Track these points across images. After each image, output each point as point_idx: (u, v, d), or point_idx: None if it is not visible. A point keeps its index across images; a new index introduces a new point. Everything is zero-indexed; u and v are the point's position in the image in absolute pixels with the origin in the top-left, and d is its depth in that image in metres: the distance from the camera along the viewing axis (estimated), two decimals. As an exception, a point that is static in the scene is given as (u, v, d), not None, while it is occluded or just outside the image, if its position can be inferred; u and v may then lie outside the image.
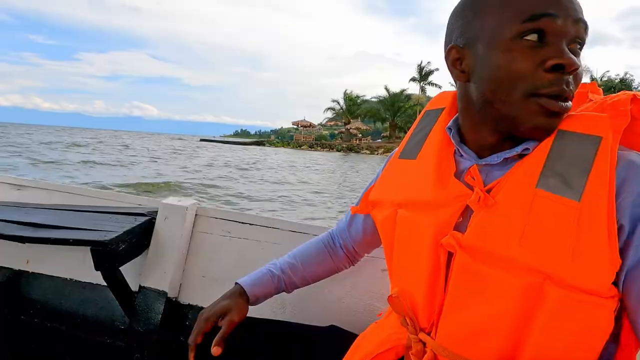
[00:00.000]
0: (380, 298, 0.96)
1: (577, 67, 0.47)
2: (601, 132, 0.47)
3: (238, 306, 0.73)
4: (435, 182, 0.56)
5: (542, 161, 0.48)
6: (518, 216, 0.47)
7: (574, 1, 0.47)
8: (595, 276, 0.42)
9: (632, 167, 0.45)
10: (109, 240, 0.96)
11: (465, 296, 0.50)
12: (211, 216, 1.13)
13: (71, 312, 1.18)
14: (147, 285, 1.10)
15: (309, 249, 0.84)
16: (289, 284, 0.80)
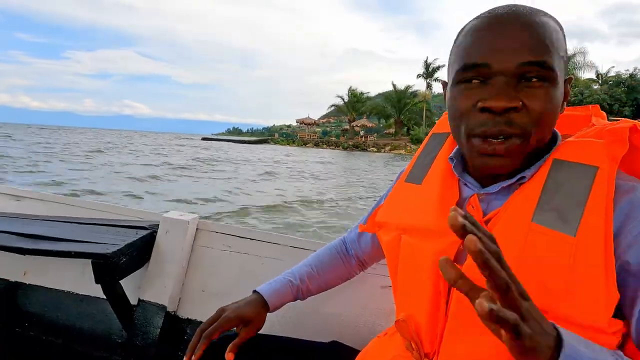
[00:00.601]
0: (379, 314, 0.97)
1: (505, 106, 0.46)
2: (597, 162, 0.46)
3: (259, 317, 0.76)
4: (437, 211, 0.57)
5: (538, 192, 0.48)
6: (513, 249, 0.46)
7: (510, 45, 0.46)
8: (591, 312, 0.42)
9: (634, 204, 0.44)
10: (110, 253, 0.96)
11: (464, 326, 0.50)
12: (212, 230, 1.14)
13: (68, 325, 1.17)
14: (147, 299, 1.10)
15: (323, 257, 0.85)
16: (305, 292, 0.82)
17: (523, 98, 0.46)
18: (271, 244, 1.08)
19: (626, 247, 0.43)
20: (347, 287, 0.91)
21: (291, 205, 7.44)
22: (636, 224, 0.43)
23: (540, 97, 0.46)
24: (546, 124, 0.48)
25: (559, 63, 0.48)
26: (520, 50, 0.46)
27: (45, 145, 20.83)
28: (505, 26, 0.47)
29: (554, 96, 0.47)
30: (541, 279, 0.44)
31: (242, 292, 1.07)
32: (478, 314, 0.32)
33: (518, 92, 0.46)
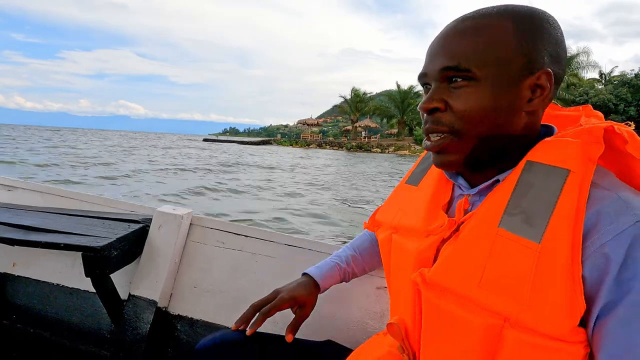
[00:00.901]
0: (373, 316, 0.96)
1: (427, 108, 0.51)
2: (570, 164, 0.45)
3: (312, 299, 0.79)
4: (426, 212, 0.58)
5: (508, 196, 0.47)
6: (479, 255, 0.46)
7: (435, 53, 0.51)
8: (554, 320, 0.41)
9: (603, 215, 0.43)
10: (101, 246, 0.94)
11: (434, 332, 0.51)
12: (206, 226, 1.12)
13: (56, 318, 1.15)
14: (137, 293, 1.08)
15: (364, 242, 0.87)
16: (350, 274, 0.85)
17: (447, 99, 0.50)
18: (265, 242, 1.06)
19: (585, 259, 0.42)
20: (343, 288, 0.90)
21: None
22: (597, 237, 0.42)
23: (461, 96, 0.49)
24: (473, 121, 0.49)
25: (491, 63, 0.48)
26: (441, 57, 0.50)
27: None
28: (439, 37, 0.52)
29: (479, 95, 0.48)
30: (506, 286, 0.44)
31: (235, 289, 1.06)
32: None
33: (445, 94, 0.50)
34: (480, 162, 0.52)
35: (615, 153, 0.49)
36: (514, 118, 0.49)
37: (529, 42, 0.48)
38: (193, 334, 1.07)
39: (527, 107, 0.50)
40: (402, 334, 0.57)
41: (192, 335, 1.07)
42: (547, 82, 0.49)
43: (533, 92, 0.49)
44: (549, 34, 0.49)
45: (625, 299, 0.39)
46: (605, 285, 0.41)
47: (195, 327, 1.08)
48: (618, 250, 0.41)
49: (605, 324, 0.40)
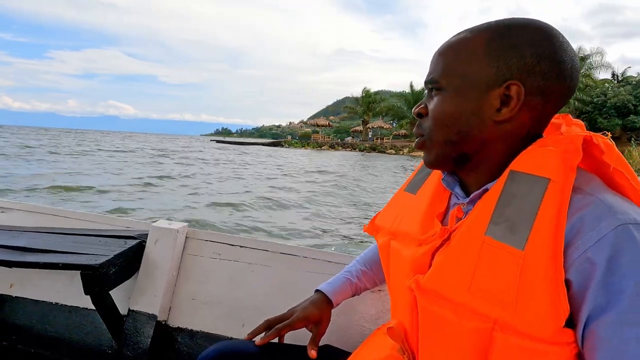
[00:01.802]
0: (369, 318, 0.99)
1: (414, 112, 0.58)
2: (550, 173, 0.47)
3: (326, 315, 0.82)
4: (421, 219, 0.61)
5: (493, 205, 0.49)
6: (468, 263, 0.48)
7: (431, 65, 0.57)
8: (538, 323, 0.43)
9: (585, 221, 0.44)
10: (99, 264, 0.95)
11: (430, 335, 0.53)
12: (201, 239, 1.14)
13: (56, 337, 1.16)
14: (137, 308, 1.10)
15: (374, 256, 0.89)
16: (362, 289, 0.88)
17: (428, 105, 0.57)
18: (261, 251, 1.09)
19: (569, 265, 0.43)
20: None
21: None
22: (581, 244, 0.43)
23: (433, 103, 0.56)
24: (438, 125, 0.55)
25: (456, 74, 0.53)
26: (428, 71, 0.58)
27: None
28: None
29: (444, 102, 0.54)
30: (493, 291, 0.46)
31: (233, 300, 1.09)
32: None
33: (428, 102, 0.57)
34: (460, 164, 0.56)
35: (596, 162, 0.51)
36: (482, 126, 0.52)
37: (498, 54, 0.50)
38: (194, 345, 1.09)
39: (495, 117, 0.51)
40: (401, 337, 0.59)
41: (192, 346, 1.09)
42: (516, 94, 0.50)
43: (503, 103, 0.51)
44: (529, 47, 0.50)
45: (615, 305, 0.40)
46: (591, 289, 0.42)
47: (196, 339, 1.10)
48: (601, 255, 0.42)
49: (597, 329, 0.41)
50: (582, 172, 0.50)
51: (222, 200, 7.23)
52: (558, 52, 0.50)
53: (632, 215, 0.43)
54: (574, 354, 0.43)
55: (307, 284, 0.91)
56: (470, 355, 0.47)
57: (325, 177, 12.73)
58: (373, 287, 0.89)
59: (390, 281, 0.66)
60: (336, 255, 1.05)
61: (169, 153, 22.00)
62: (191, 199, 7.41)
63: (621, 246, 0.42)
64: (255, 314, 1.05)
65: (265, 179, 11.60)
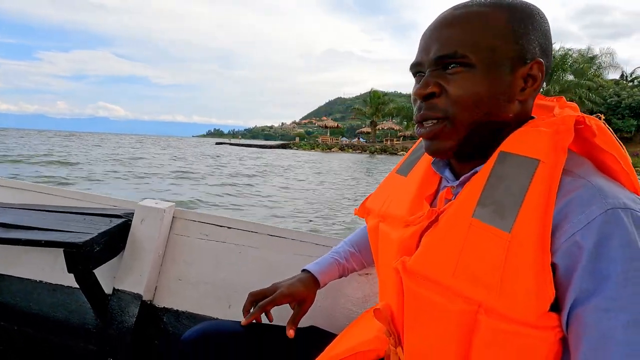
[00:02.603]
0: (355, 301, 0.99)
1: (423, 93, 0.51)
2: (540, 154, 0.46)
3: (311, 295, 0.81)
4: (410, 202, 0.60)
5: (481, 187, 0.48)
6: (454, 245, 0.48)
7: (430, 42, 0.52)
8: (523, 307, 0.42)
9: (574, 204, 0.43)
10: (83, 242, 0.94)
11: (415, 317, 0.52)
12: (189, 219, 1.13)
13: (41, 315, 1.15)
14: (122, 288, 1.09)
15: (362, 238, 0.88)
16: (349, 270, 0.88)
17: (444, 84, 0.51)
18: (249, 233, 1.08)
19: (557, 249, 0.43)
20: None
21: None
22: (569, 227, 0.42)
23: (456, 82, 0.50)
24: (467, 106, 0.50)
25: (486, 50, 0.49)
26: (436, 45, 0.51)
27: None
28: (432, 26, 0.53)
29: (474, 80, 0.49)
30: (478, 274, 0.45)
31: (219, 280, 1.08)
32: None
33: (441, 79, 0.51)
34: (471, 150, 0.53)
35: (588, 145, 0.50)
36: (507, 106, 0.50)
37: (522, 32, 0.50)
38: (179, 325, 1.08)
39: (519, 96, 0.51)
40: (388, 318, 0.59)
41: (177, 327, 1.08)
42: (538, 72, 0.50)
43: (525, 82, 0.51)
44: (540, 26, 0.51)
45: (601, 290, 0.40)
46: (578, 273, 0.41)
47: (181, 319, 1.09)
48: (589, 240, 0.41)
49: (583, 314, 0.41)
50: (574, 155, 0.49)
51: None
52: (550, 32, 0.53)
53: (622, 200, 0.42)
54: (558, 338, 0.43)
55: (295, 266, 0.90)
56: (455, 337, 0.47)
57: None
58: (361, 269, 0.89)
59: (378, 263, 0.66)
60: (324, 238, 1.05)
61: (212, 159, 20.49)
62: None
63: (610, 230, 0.41)
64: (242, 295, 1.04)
65: (335, 188, 10.39)
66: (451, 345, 0.48)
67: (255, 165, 17.12)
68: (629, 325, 0.38)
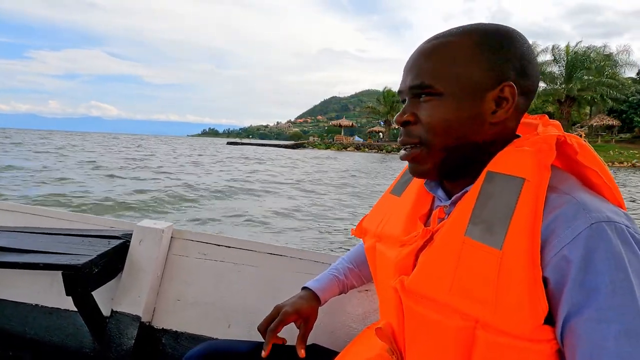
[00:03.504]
0: (355, 318, 0.99)
1: (400, 121, 0.56)
2: (524, 172, 0.48)
3: (313, 311, 0.81)
4: (405, 222, 0.61)
5: (472, 206, 0.50)
6: (449, 263, 0.49)
7: (406, 73, 0.56)
8: (518, 321, 0.43)
9: (560, 220, 0.45)
10: (81, 264, 0.94)
11: (416, 335, 0.54)
12: (187, 238, 1.13)
13: (37, 340, 1.13)
14: (120, 309, 1.08)
15: (360, 254, 0.89)
16: (349, 286, 0.88)
17: (417, 112, 0.54)
18: (247, 251, 1.08)
19: (547, 263, 0.44)
20: None
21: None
22: (557, 242, 0.44)
23: (427, 110, 0.53)
24: (438, 132, 0.53)
25: (451, 78, 0.52)
26: (410, 76, 0.55)
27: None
28: (410, 57, 0.57)
29: (442, 108, 0.52)
30: (473, 290, 0.46)
31: (219, 300, 1.08)
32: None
33: (415, 108, 0.55)
34: (453, 170, 0.55)
35: (572, 162, 0.52)
36: (479, 129, 0.52)
37: (490, 57, 0.52)
38: (178, 346, 1.08)
39: (491, 119, 0.52)
40: (389, 337, 0.60)
41: (177, 348, 1.08)
42: (510, 95, 0.52)
43: (497, 105, 0.52)
44: (514, 49, 0.52)
45: (592, 302, 0.41)
46: (568, 286, 0.43)
47: (180, 340, 1.08)
48: (576, 253, 0.43)
49: (576, 326, 0.42)
50: (559, 172, 0.51)
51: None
52: (530, 53, 0.54)
53: (606, 213, 0.44)
54: (554, 350, 0.44)
55: (295, 283, 0.90)
56: (455, 353, 0.48)
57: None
58: (360, 285, 0.90)
59: (377, 283, 0.67)
60: (323, 255, 1.05)
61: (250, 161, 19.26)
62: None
63: (595, 244, 0.42)
64: (242, 315, 1.05)
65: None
66: (462, 355, 0.48)
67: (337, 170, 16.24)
68: (620, 335, 0.40)
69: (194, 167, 14.72)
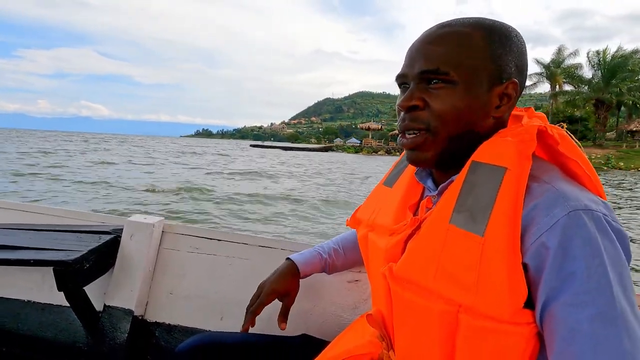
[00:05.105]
0: (346, 308, 1.01)
1: (407, 105, 0.54)
2: (506, 162, 0.49)
3: (293, 286, 0.84)
4: (395, 212, 0.63)
5: (456, 195, 0.51)
6: (434, 249, 0.51)
7: (415, 57, 0.55)
8: (498, 304, 0.45)
9: (540, 208, 0.46)
10: (72, 260, 0.94)
11: (403, 320, 0.55)
12: (178, 232, 1.13)
13: (29, 336, 1.13)
14: (113, 304, 1.08)
15: (348, 238, 0.90)
16: (332, 267, 0.89)
17: (427, 98, 0.54)
18: (239, 244, 1.09)
19: (526, 250, 0.46)
20: (315, 283, 0.94)
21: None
22: (536, 230, 0.46)
23: (439, 97, 0.53)
24: (449, 121, 0.53)
25: (466, 68, 0.52)
26: (421, 60, 0.54)
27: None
28: (418, 41, 0.56)
29: (455, 96, 0.52)
30: (456, 275, 0.48)
31: (211, 293, 1.09)
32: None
33: (424, 94, 0.54)
34: (449, 160, 0.56)
35: (554, 152, 0.54)
36: (483, 121, 0.54)
37: (499, 52, 0.53)
38: (171, 339, 1.09)
39: (494, 113, 0.54)
40: (380, 323, 0.61)
41: (170, 340, 1.09)
42: (513, 92, 0.54)
43: (501, 100, 0.54)
44: (516, 47, 0.54)
45: (569, 287, 0.43)
46: (546, 272, 0.45)
47: (173, 333, 1.09)
48: (554, 240, 0.44)
49: (554, 310, 0.44)
50: (542, 162, 0.53)
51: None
52: (526, 52, 0.56)
53: (584, 202, 0.46)
54: (534, 333, 0.46)
55: None
56: (440, 337, 0.50)
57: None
58: (343, 269, 0.91)
59: (369, 271, 0.69)
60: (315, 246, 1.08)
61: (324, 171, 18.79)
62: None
63: (572, 231, 0.44)
64: (234, 307, 1.06)
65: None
66: (436, 345, 0.50)
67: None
68: (594, 319, 0.41)
69: (289, 178, 14.24)
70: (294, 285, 0.84)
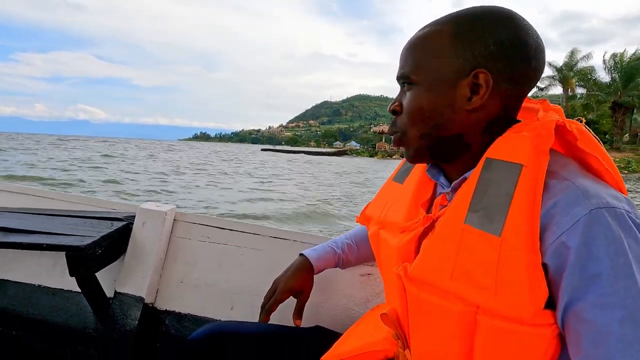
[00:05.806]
0: (358, 301, 1.01)
1: (389, 109, 0.59)
2: (522, 159, 0.47)
3: (307, 283, 0.84)
4: (407, 209, 0.63)
5: (471, 193, 0.50)
6: (450, 250, 0.50)
7: (400, 61, 0.58)
8: (518, 306, 0.44)
9: (560, 206, 0.45)
10: (85, 245, 0.94)
11: (419, 320, 0.55)
12: (190, 221, 1.13)
13: (40, 320, 1.14)
14: (124, 291, 1.09)
15: (362, 233, 0.90)
16: (345, 262, 0.89)
17: (403, 102, 0.57)
18: (250, 235, 1.09)
19: (546, 249, 0.45)
20: (328, 276, 0.94)
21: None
22: (556, 229, 0.44)
23: (407, 99, 0.56)
24: (414, 120, 0.55)
25: (425, 69, 0.53)
26: (399, 67, 0.58)
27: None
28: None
29: (418, 97, 0.54)
30: (474, 277, 0.47)
31: (222, 282, 1.09)
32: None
33: (402, 97, 0.57)
34: (442, 155, 0.57)
35: (573, 147, 0.52)
36: (455, 116, 0.53)
37: (465, 44, 0.51)
38: (181, 328, 1.09)
39: (467, 106, 0.52)
40: (395, 322, 0.60)
41: (180, 329, 1.09)
42: (484, 81, 0.51)
43: (473, 91, 0.52)
44: (492, 34, 0.51)
45: (595, 288, 0.41)
46: (567, 272, 0.43)
47: (183, 321, 1.09)
48: (575, 240, 0.43)
49: (580, 311, 0.42)
50: (560, 157, 0.51)
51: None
52: (520, 36, 0.51)
53: (605, 199, 0.44)
54: (555, 334, 0.44)
55: None
56: (458, 338, 0.49)
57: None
58: (357, 264, 0.91)
59: (381, 268, 0.68)
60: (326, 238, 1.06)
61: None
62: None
63: (594, 230, 0.42)
64: (245, 297, 1.06)
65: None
66: (454, 346, 0.49)
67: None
68: (624, 320, 0.40)
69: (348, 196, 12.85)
70: (308, 282, 0.84)
